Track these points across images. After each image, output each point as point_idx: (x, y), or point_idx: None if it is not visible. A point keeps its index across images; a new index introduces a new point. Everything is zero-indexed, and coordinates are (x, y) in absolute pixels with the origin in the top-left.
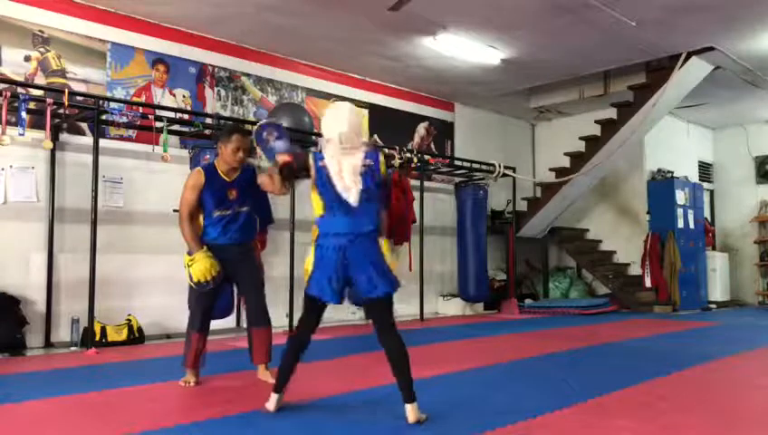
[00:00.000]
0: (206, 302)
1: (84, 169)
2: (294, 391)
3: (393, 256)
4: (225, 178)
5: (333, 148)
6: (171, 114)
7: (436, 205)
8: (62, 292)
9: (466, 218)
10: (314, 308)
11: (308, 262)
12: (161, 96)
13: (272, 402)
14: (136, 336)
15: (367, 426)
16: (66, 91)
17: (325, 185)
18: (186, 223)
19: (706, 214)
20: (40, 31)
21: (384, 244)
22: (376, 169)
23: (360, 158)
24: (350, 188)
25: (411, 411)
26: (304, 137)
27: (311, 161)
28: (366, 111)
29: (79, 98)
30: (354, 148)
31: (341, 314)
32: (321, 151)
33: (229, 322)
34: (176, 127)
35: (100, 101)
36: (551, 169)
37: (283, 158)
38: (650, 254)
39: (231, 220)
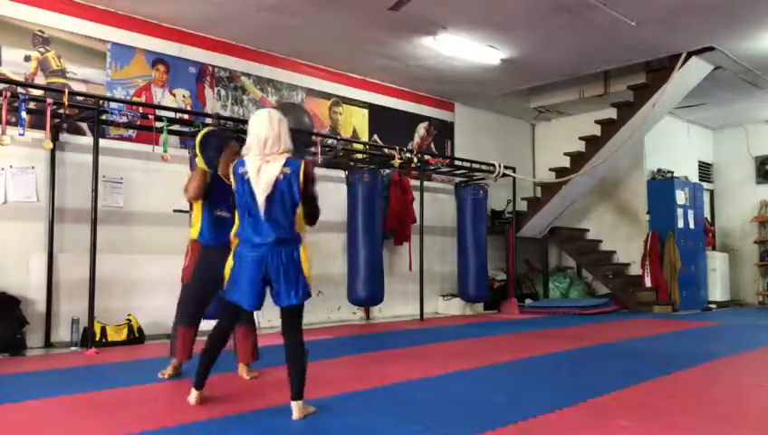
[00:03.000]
0: (198, 301)
1: (84, 169)
2: None
3: (309, 266)
4: (226, 181)
5: (254, 154)
6: (171, 114)
7: (436, 205)
8: (62, 292)
9: (466, 218)
10: (233, 312)
11: (227, 269)
12: (161, 96)
13: (193, 397)
14: (136, 336)
15: (366, 425)
16: (66, 91)
17: (241, 192)
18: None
19: (706, 214)
20: (40, 31)
21: (302, 252)
22: (294, 178)
23: (280, 166)
24: (261, 196)
25: (295, 409)
26: (305, 137)
27: (231, 172)
28: (366, 111)
29: (79, 98)
30: (275, 156)
31: (342, 314)
32: (243, 157)
33: None
34: (176, 127)
35: (100, 101)
36: (551, 169)
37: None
38: (650, 254)
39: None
